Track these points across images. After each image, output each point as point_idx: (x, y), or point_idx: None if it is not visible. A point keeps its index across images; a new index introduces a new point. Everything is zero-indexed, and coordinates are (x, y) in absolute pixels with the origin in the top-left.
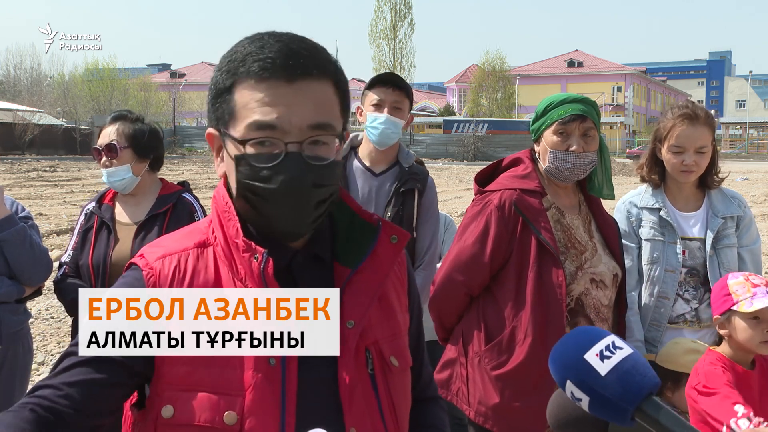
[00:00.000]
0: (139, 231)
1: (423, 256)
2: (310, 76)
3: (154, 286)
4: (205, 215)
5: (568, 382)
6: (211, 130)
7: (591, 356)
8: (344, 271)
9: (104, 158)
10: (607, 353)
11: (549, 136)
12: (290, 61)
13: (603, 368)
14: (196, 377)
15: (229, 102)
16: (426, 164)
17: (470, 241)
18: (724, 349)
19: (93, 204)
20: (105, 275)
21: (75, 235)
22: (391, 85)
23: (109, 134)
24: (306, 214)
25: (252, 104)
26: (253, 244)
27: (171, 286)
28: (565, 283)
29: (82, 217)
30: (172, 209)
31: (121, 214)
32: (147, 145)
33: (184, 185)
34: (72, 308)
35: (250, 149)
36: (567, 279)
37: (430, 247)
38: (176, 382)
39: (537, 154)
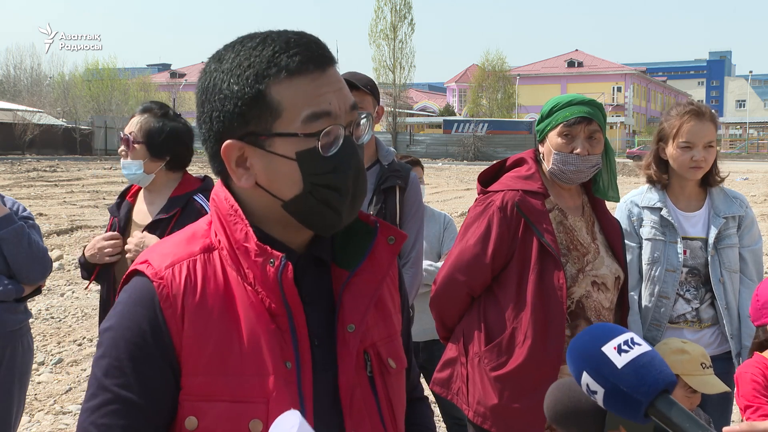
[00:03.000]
0: None
1: (409, 254)
2: (333, 61)
3: (167, 299)
4: None
5: (585, 374)
6: (230, 142)
7: (609, 349)
8: (342, 274)
9: (122, 147)
10: (625, 347)
11: (554, 138)
12: (320, 51)
13: (620, 361)
14: (216, 387)
15: (268, 104)
16: (426, 164)
17: (472, 242)
18: None
19: (116, 201)
20: (110, 278)
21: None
22: (349, 88)
23: (131, 125)
24: (363, 199)
25: (301, 97)
26: (268, 248)
27: (184, 295)
28: (565, 285)
29: (109, 214)
30: (179, 214)
31: (138, 213)
32: (162, 144)
33: (204, 181)
34: (83, 268)
35: (312, 142)
36: (568, 281)
37: (416, 244)
38: (196, 393)
39: (541, 155)
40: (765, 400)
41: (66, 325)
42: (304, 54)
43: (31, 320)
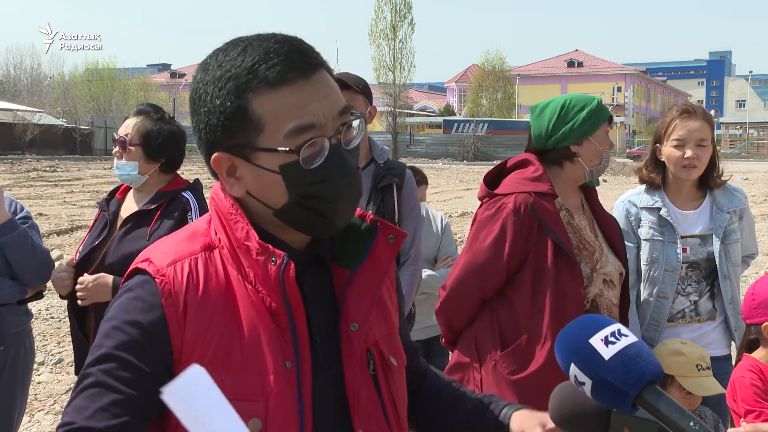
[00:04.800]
0: (123, 225)
1: (408, 251)
2: (319, 66)
3: (169, 296)
4: (201, 215)
5: (573, 366)
6: (219, 154)
7: (596, 341)
8: (343, 273)
9: (116, 148)
10: (612, 339)
11: (601, 136)
12: (303, 57)
13: (607, 353)
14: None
15: (250, 118)
16: (426, 164)
17: (485, 245)
18: (761, 353)
19: (105, 197)
20: (90, 267)
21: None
22: (340, 88)
23: (126, 126)
24: (357, 203)
25: (283, 110)
26: (270, 247)
27: (186, 293)
28: (583, 285)
29: (98, 208)
30: (164, 207)
31: (125, 210)
32: (159, 147)
33: (194, 183)
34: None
35: (293, 157)
36: (584, 281)
37: (414, 241)
38: None
39: (577, 157)
40: (767, 405)
41: (66, 325)
42: (284, 63)
43: (31, 320)
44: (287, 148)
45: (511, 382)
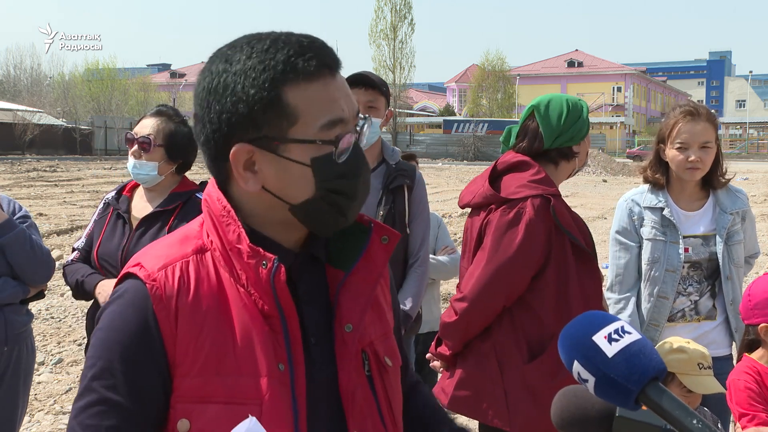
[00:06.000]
0: (139, 226)
1: (417, 252)
2: (341, 66)
3: (160, 300)
4: None
5: (576, 363)
6: (240, 146)
7: (599, 338)
8: (337, 274)
9: (135, 147)
10: (615, 336)
11: (589, 137)
12: (332, 55)
13: (610, 350)
14: (209, 388)
15: (285, 109)
16: (426, 164)
17: (512, 250)
18: (759, 354)
19: (112, 194)
20: (120, 268)
21: (91, 222)
22: (362, 85)
23: (147, 126)
24: (366, 199)
25: (317, 103)
26: (261, 250)
27: (177, 296)
28: (602, 284)
29: (101, 205)
30: (180, 208)
31: (136, 208)
32: (181, 148)
33: (202, 185)
34: (77, 291)
35: (328, 149)
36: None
37: (424, 242)
38: (189, 395)
39: (576, 156)
40: (761, 408)
41: (66, 325)
42: (319, 59)
43: (32, 321)
44: (325, 140)
45: (545, 392)
